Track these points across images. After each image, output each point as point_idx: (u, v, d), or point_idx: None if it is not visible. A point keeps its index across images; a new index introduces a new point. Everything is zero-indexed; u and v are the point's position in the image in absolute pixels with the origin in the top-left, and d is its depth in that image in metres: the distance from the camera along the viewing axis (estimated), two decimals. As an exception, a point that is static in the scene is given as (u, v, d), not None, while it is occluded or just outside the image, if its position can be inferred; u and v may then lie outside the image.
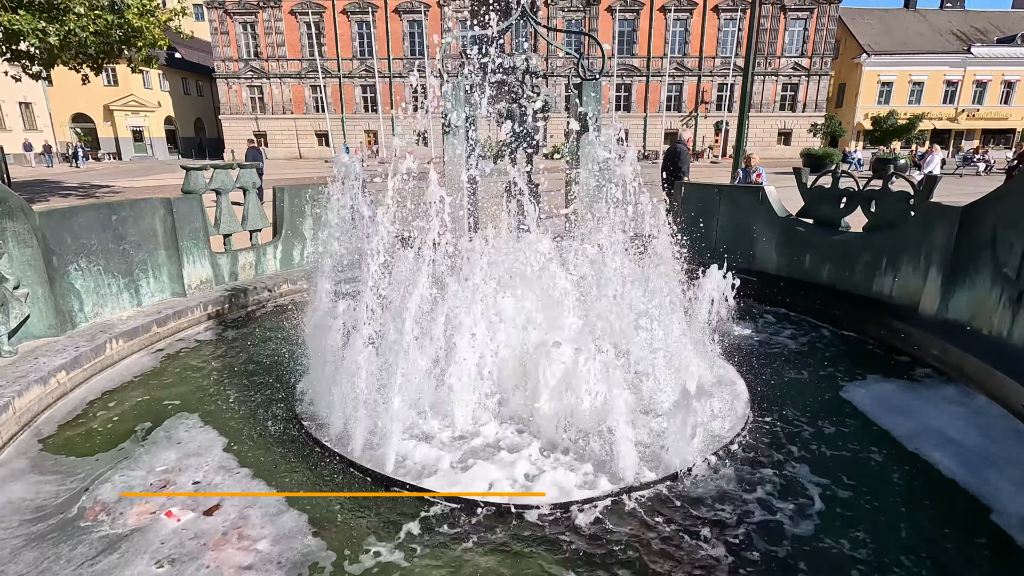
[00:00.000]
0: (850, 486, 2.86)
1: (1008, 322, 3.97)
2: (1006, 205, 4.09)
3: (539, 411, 3.14)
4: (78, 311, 4.47)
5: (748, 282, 4.85)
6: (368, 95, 45.73)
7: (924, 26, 47.79)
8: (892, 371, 4.29)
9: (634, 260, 3.74)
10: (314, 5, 43.64)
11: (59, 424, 3.52)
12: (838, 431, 3.42)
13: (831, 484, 2.87)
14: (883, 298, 5.18)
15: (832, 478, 2.91)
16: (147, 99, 46.23)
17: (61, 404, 3.75)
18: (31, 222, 3.99)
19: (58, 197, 17.74)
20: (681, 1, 43.60)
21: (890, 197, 5.37)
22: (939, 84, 45.87)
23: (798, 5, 43.24)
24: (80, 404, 3.78)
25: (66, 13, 11.97)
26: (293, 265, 6.75)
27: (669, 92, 45.53)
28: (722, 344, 4.23)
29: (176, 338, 5.00)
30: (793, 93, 45.46)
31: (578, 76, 5.11)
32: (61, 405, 3.74)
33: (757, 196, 6.43)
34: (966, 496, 2.79)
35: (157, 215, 5.16)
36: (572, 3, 43.33)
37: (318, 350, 3.48)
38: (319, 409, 3.39)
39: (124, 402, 3.82)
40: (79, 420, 3.58)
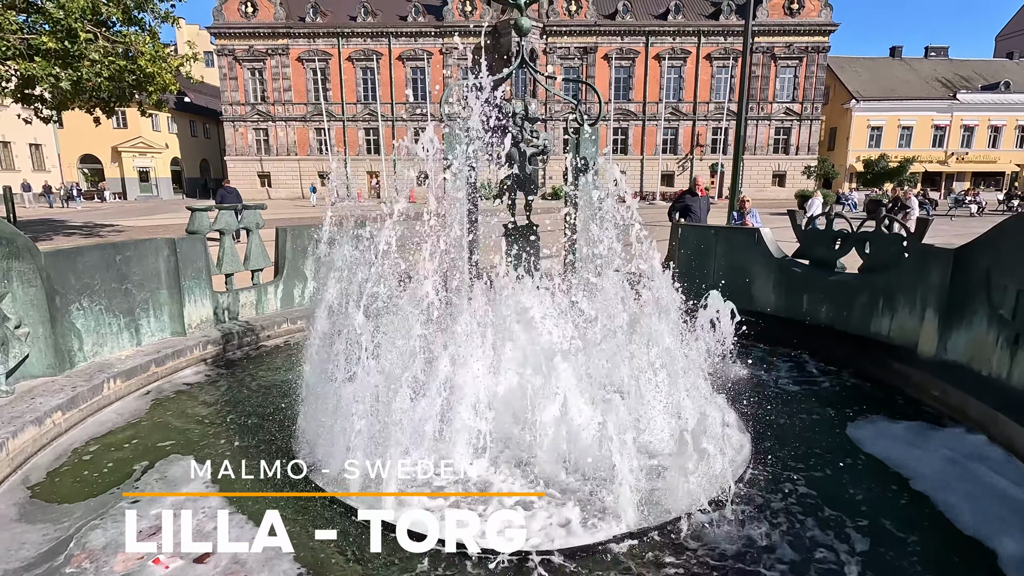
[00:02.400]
0: (860, 527, 2.81)
1: (1007, 364, 3.98)
2: (997, 248, 4.15)
3: (539, 454, 3.11)
4: (77, 350, 4.46)
5: (747, 322, 4.87)
6: (371, 138, 46.83)
7: (910, 74, 49.46)
8: (894, 412, 4.26)
9: (633, 302, 3.77)
10: (320, 53, 45.20)
11: (52, 466, 3.46)
12: (842, 473, 3.37)
13: (837, 530, 2.82)
14: (881, 338, 5.19)
15: (837, 525, 2.86)
16: (155, 141, 47.32)
17: (56, 445, 3.70)
18: (36, 262, 4.03)
19: (62, 236, 17.93)
20: (675, 50, 45.24)
21: (883, 239, 5.46)
22: (927, 128, 47.12)
23: (787, 54, 44.86)
24: (74, 445, 3.73)
25: (80, 60, 12.39)
26: (294, 304, 6.77)
27: (665, 135, 46.69)
28: (721, 384, 4.22)
29: (174, 378, 4.98)
30: (786, 137, 46.62)
31: (576, 121, 5.27)
32: (56, 446, 3.69)
33: (753, 237, 6.53)
34: (975, 544, 2.74)
35: (161, 255, 5.22)
36: (570, 51, 44.93)
37: (316, 390, 3.47)
38: (317, 451, 3.35)
39: (119, 443, 3.77)
40: (72, 462, 3.53)
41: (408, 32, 44.73)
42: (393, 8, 45.62)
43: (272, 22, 44.39)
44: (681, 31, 44.83)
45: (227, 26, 44.30)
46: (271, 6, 44.40)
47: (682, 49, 45.18)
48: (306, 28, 44.71)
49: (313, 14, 44.86)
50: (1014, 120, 47.01)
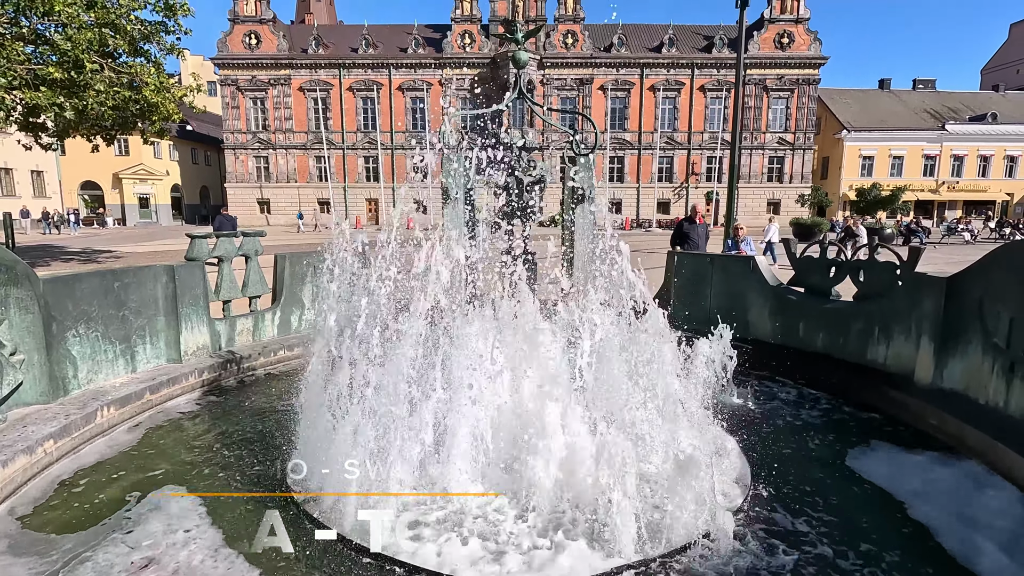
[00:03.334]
0: (863, 554, 2.77)
1: (1004, 392, 3.98)
2: (989, 276, 4.20)
3: (540, 483, 3.07)
4: (72, 377, 4.43)
5: (743, 350, 4.88)
6: (370, 165, 47.39)
7: (899, 105, 50.57)
8: (892, 440, 4.24)
9: (631, 329, 3.78)
10: (322, 83, 46.06)
11: (42, 496, 3.41)
12: (842, 503, 3.34)
13: (838, 561, 2.78)
14: (878, 366, 5.20)
15: (839, 556, 2.83)
16: (156, 168, 47.78)
17: (47, 474, 3.65)
18: (35, 289, 4.04)
19: (60, 261, 17.94)
20: (669, 82, 46.26)
21: (877, 267, 5.51)
22: (918, 158, 47.98)
23: (779, 86, 45.90)
24: (65, 475, 3.67)
25: (86, 90, 12.60)
26: (291, 331, 6.76)
27: (660, 164, 47.38)
28: (720, 412, 4.20)
29: (169, 405, 4.94)
30: (779, 165, 47.36)
31: (572, 151, 5.37)
32: (46, 475, 3.64)
33: (748, 265, 6.58)
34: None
35: (160, 281, 5.23)
36: (566, 83, 45.89)
37: (311, 420, 3.45)
38: (311, 480, 3.30)
39: (111, 473, 3.72)
40: (63, 492, 3.47)
41: (408, 63, 45.70)
42: (394, 40, 46.72)
43: (275, 53, 45.33)
44: (675, 63, 45.92)
45: (231, 57, 45.22)
46: (275, 38, 45.41)
47: (676, 81, 46.21)
48: (308, 59, 45.65)
49: (315, 46, 45.87)
50: (1002, 150, 47.94)
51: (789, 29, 45.23)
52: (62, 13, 11.72)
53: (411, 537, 2.85)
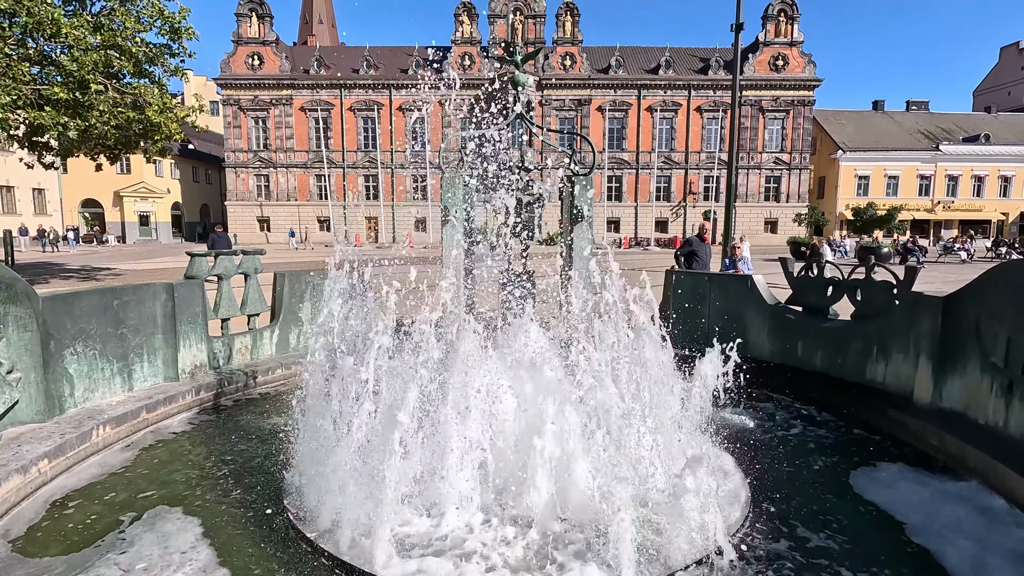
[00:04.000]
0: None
1: (1003, 411, 3.97)
2: (985, 295, 4.22)
3: (535, 506, 3.05)
4: (68, 396, 4.41)
5: (742, 369, 4.87)
6: (370, 184, 47.75)
7: (893, 126, 51.23)
8: (892, 460, 4.21)
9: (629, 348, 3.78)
10: (323, 103, 46.65)
11: (35, 517, 3.37)
12: (844, 524, 3.31)
13: None
14: (877, 385, 5.19)
15: None
16: (157, 186, 48.08)
17: (40, 494, 3.61)
18: (34, 307, 4.04)
19: (59, 279, 17.94)
20: (666, 103, 46.91)
21: (873, 286, 5.53)
22: (913, 178, 48.48)
23: (774, 107, 46.55)
24: (59, 495, 3.63)
25: (90, 110, 12.74)
26: (289, 349, 6.75)
27: (658, 183, 47.82)
28: (719, 431, 4.18)
29: (165, 424, 4.90)
30: (776, 185, 47.80)
31: (571, 171, 5.43)
32: (40, 495, 3.60)
33: (746, 284, 6.61)
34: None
35: (159, 299, 5.24)
36: (565, 103, 46.49)
37: (309, 439, 3.43)
38: (307, 500, 3.28)
39: (105, 493, 3.68)
40: (56, 513, 3.43)
41: (408, 84, 46.33)
42: (395, 62, 47.46)
43: (277, 74, 45.98)
44: (672, 85, 46.63)
45: (234, 78, 45.84)
46: (277, 59, 46.09)
47: (673, 102, 46.86)
48: (310, 80, 46.29)
49: (317, 67, 46.55)
50: (996, 170, 48.46)
51: (783, 52, 46.04)
52: (69, 35, 11.91)
53: (409, 559, 2.82)
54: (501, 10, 45.77)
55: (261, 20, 45.81)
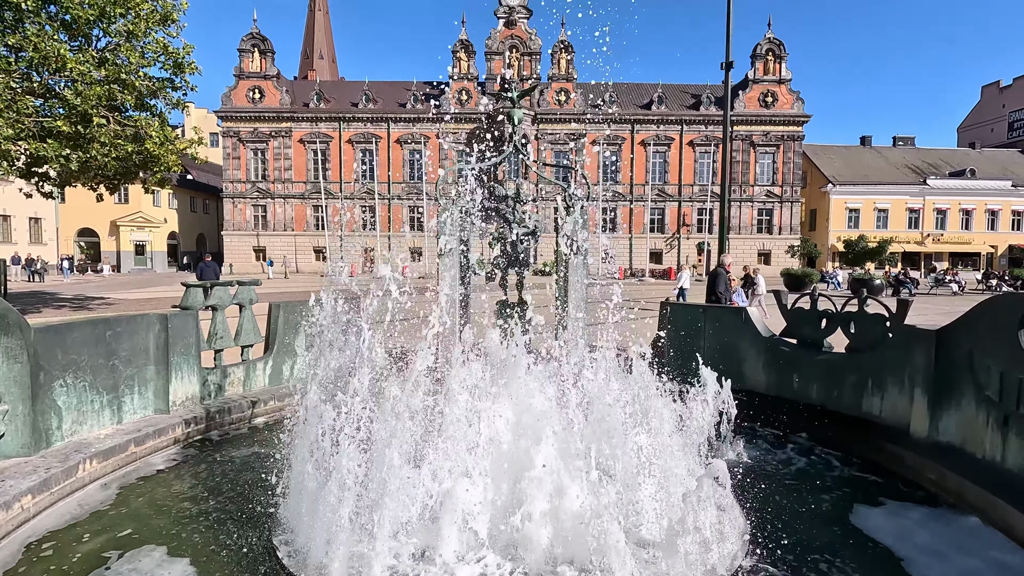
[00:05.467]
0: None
1: (1000, 446, 3.96)
2: (977, 329, 4.25)
3: (530, 542, 2.98)
4: (55, 429, 4.33)
5: (738, 401, 4.85)
6: (367, 215, 48.08)
7: (881, 161, 52.33)
8: (892, 496, 4.17)
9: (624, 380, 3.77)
10: (322, 135, 47.35)
11: (15, 556, 3.26)
12: (844, 561, 3.25)
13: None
14: (873, 419, 5.17)
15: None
16: (154, 215, 48.24)
17: (22, 532, 3.51)
18: (25, 338, 4.01)
19: (51, 308, 17.80)
20: (659, 137, 47.89)
21: (867, 319, 5.57)
22: (902, 211, 49.26)
23: (765, 142, 47.57)
24: (41, 532, 3.53)
25: (90, 142, 12.89)
26: (282, 381, 6.68)
27: (652, 215, 48.37)
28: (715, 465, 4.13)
29: (153, 458, 4.81)
30: (768, 217, 48.45)
31: (565, 203, 5.49)
32: (22, 532, 3.50)
33: (740, 316, 6.63)
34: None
35: (152, 330, 5.20)
36: (559, 137, 47.38)
37: (299, 475, 3.36)
38: (298, 538, 3.20)
39: (89, 531, 3.58)
40: (37, 551, 3.33)
41: (407, 118, 47.19)
42: (393, 96, 48.41)
43: (278, 107, 46.77)
44: (664, 120, 47.69)
45: (234, 110, 46.59)
46: (278, 92, 46.96)
47: (666, 136, 47.85)
48: (309, 113, 47.09)
49: (317, 100, 47.42)
50: (983, 204, 49.36)
51: (772, 89, 47.31)
52: (74, 70, 12.13)
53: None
54: (498, 47, 47.05)
55: (263, 55, 46.85)
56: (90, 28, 13.12)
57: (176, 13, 14.11)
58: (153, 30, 13.68)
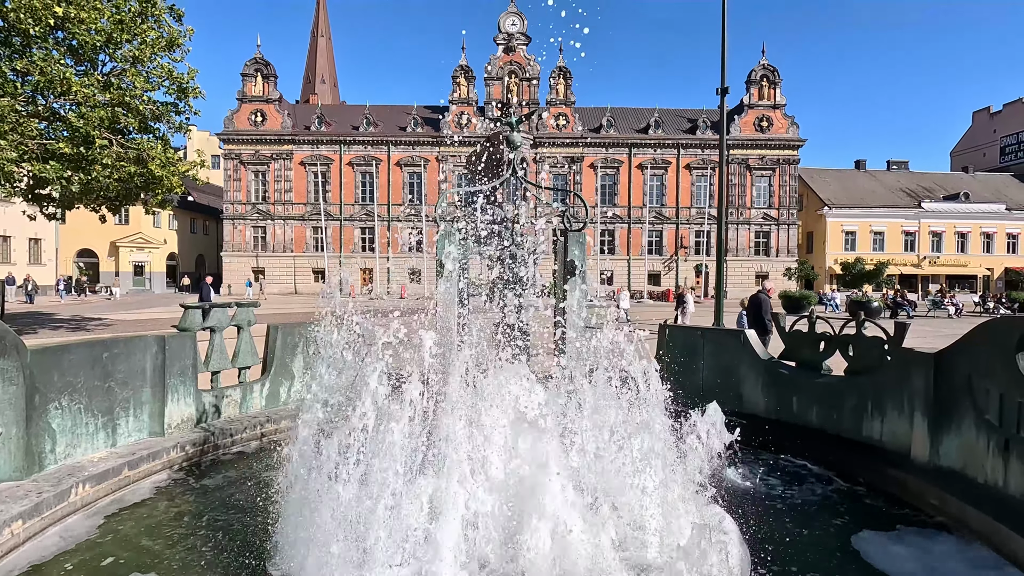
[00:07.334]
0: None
1: (1002, 471, 3.93)
2: (974, 352, 4.25)
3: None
4: (49, 452, 4.28)
5: (737, 425, 4.82)
6: (367, 236, 48.26)
7: (876, 184, 52.86)
8: (895, 521, 4.12)
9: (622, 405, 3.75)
10: (323, 158, 47.78)
11: (3, 583, 3.21)
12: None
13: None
14: (874, 442, 5.13)
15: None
16: (154, 237, 48.34)
17: (10, 560, 3.44)
18: (22, 359, 3.99)
19: (48, 329, 17.73)
20: (656, 160, 48.40)
21: (865, 342, 5.57)
22: (898, 234, 49.59)
23: (761, 165, 48.11)
24: (29, 560, 3.47)
25: (93, 164, 12.99)
26: (279, 403, 6.63)
27: (650, 237, 48.63)
28: (715, 490, 4.09)
29: (146, 482, 4.74)
30: (766, 240, 48.72)
31: (564, 225, 5.54)
32: (10, 561, 3.43)
33: (739, 339, 6.63)
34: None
35: (149, 352, 5.18)
36: (558, 160, 47.88)
37: (294, 501, 3.32)
38: (293, 565, 3.14)
39: (78, 559, 3.52)
40: (26, 578, 3.27)
41: (407, 141, 47.72)
42: (394, 119, 49.01)
43: (279, 130, 47.29)
44: (661, 144, 48.26)
45: (236, 133, 47.09)
46: (279, 116, 47.54)
47: (663, 159, 48.37)
48: (310, 135, 47.60)
49: (318, 123, 47.98)
50: (978, 227, 49.76)
51: (768, 114, 48.03)
52: (79, 93, 12.29)
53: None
54: (497, 72, 47.84)
55: (266, 79, 47.53)
56: (96, 53, 13.35)
57: (182, 39, 14.38)
58: (158, 56, 13.92)
